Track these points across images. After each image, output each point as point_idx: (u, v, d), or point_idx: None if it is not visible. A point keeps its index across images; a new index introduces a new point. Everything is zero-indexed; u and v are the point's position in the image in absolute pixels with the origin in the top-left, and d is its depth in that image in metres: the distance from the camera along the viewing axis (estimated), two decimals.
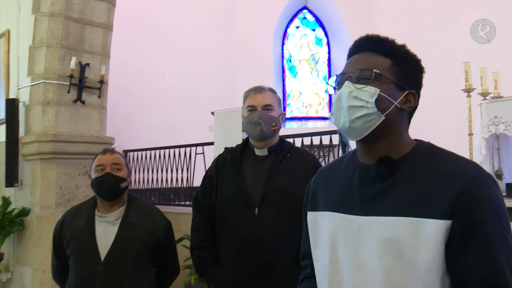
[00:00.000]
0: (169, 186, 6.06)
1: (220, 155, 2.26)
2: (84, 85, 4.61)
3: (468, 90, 5.06)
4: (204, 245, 2.14)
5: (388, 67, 1.11)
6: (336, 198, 1.19)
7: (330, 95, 9.84)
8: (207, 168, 5.34)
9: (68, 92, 4.48)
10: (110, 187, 2.19)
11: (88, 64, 4.67)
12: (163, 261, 2.37)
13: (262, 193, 2.03)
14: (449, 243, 0.98)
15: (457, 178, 1.00)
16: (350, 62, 1.17)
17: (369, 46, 1.15)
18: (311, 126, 9.24)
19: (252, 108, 2.13)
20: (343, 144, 4.07)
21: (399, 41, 1.17)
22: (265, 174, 2.08)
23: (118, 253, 2.17)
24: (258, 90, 2.16)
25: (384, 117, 1.08)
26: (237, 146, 2.25)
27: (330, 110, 1.17)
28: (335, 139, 4.24)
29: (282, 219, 2.01)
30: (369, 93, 1.08)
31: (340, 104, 1.11)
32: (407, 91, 1.12)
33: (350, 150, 4.01)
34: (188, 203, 5.63)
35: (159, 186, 6.21)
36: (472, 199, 0.97)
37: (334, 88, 1.19)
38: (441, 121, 6.89)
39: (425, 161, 1.07)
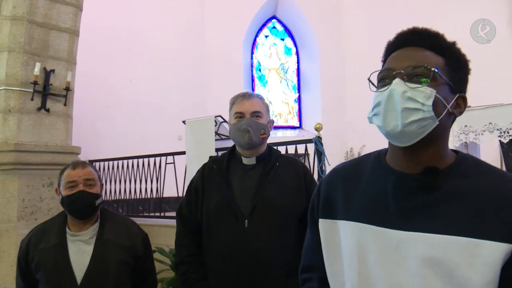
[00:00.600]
0: (137, 197, 5.88)
1: (205, 165, 2.15)
2: (48, 93, 4.39)
3: None
4: (190, 260, 2.02)
5: (442, 66, 1.00)
6: (364, 207, 1.06)
7: (299, 103, 9.86)
8: (177, 178, 5.29)
9: (32, 99, 4.25)
10: (84, 206, 2.02)
11: (53, 71, 4.46)
12: (143, 275, 2.21)
13: (252, 204, 1.93)
14: (507, 268, 0.88)
15: None
16: (397, 57, 1.04)
17: (419, 41, 1.03)
18: (280, 135, 9.21)
19: (240, 115, 2.02)
20: (319, 153, 4.03)
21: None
22: (254, 184, 1.98)
23: (97, 274, 2.00)
24: (246, 96, 2.06)
25: (438, 122, 0.97)
26: (223, 154, 2.14)
27: (372, 109, 1.03)
28: (310, 148, 4.19)
29: (273, 230, 1.92)
30: (425, 94, 0.95)
31: (392, 105, 0.97)
32: (457, 95, 1.01)
33: (326, 159, 3.98)
34: (158, 214, 5.47)
35: (127, 197, 6.02)
36: None
37: (375, 86, 1.06)
38: None
39: (476, 176, 0.97)
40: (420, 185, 0.98)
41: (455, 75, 1.01)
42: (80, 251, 2.03)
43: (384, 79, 1.02)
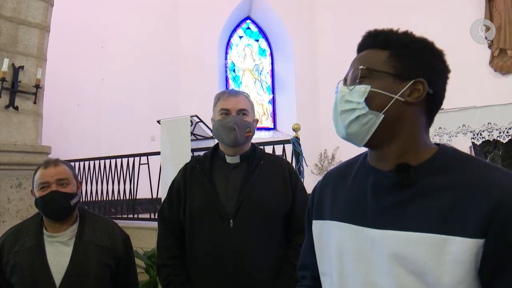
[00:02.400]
0: (109, 198, 5.73)
1: (187, 164, 2.08)
2: (17, 90, 4.24)
3: None
4: (172, 263, 1.94)
5: (385, 59, 0.99)
6: (345, 206, 1.07)
7: (274, 104, 9.86)
8: (152, 179, 5.18)
9: None
10: (58, 207, 1.91)
11: (22, 67, 4.31)
12: (124, 278, 2.12)
13: (237, 204, 1.87)
14: (484, 265, 0.85)
15: (490, 189, 0.87)
16: (350, 64, 1.07)
17: (368, 43, 1.05)
18: (255, 136, 9.16)
19: (226, 112, 1.96)
20: (297, 153, 4.00)
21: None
22: (239, 183, 1.93)
23: (76, 276, 1.90)
24: (233, 93, 2.01)
25: (383, 115, 0.96)
26: (205, 154, 2.08)
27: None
28: (288, 148, 4.17)
29: (259, 230, 1.86)
30: (359, 92, 0.97)
31: (335, 111, 1.02)
32: (412, 81, 0.97)
33: (304, 159, 3.96)
34: (131, 216, 5.34)
35: (98, 199, 5.86)
36: (508, 213, 0.84)
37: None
38: None
39: (452, 170, 0.94)
40: (394, 183, 0.97)
41: (405, 62, 0.98)
42: (59, 252, 1.93)
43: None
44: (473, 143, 4.86)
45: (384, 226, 0.96)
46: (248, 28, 9.98)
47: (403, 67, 0.98)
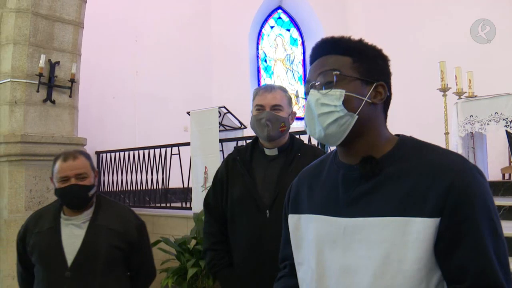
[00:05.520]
0: (143, 188, 5.93)
1: (229, 155, 2.21)
2: (54, 84, 4.43)
3: (444, 90, 5.10)
4: (216, 248, 2.12)
5: (350, 65, 1.09)
6: (320, 200, 1.16)
7: (305, 99, 9.84)
8: (183, 169, 5.33)
9: (37, 91, 4.30)
10: (76, 199, 2.07)
11: (58, 63, 4.50)
12: (138, 264, 2.27)
13: (273, 195, 1.98)
14: (439, 240, 0.96)
15: (444, 172, 0.98)
16: (311, 69, 1.16)
17: (327, 49, 1.13)
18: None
19: (260, 108, 2.06)
20: (322, 144, 4.03)
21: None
22: (276, 175, 2.03)
23: (86, 258, 2.06)
24: (268, 89, 2.10)
25: (357, 116, 1.05)
26: (247, 145, 2.20)
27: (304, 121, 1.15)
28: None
29: None
30: (335, 96, 1.05)
31: (311, 114, 1.09)
32: (375, 84, 1.09)
33: (330, 149, 3.98)
34: (164, 205, 5.51)
35: (133, 188, 6.07)
36: (460, 194, 0.96)
37: (305, 99, 1.16)
38: (417, 120, 6.94)
39: (410, 158, 1.05)
40: (361, 174, 1.07)
41: (366, 68, 1.09)
42: (73, 234, 2.08)
43: (307, 92, 1.13)
44: (506, 131, 4.74)
45: (353, 214, 1.06)
46: (280, 17, 9.96)
47: (365, 72, 1.09)
